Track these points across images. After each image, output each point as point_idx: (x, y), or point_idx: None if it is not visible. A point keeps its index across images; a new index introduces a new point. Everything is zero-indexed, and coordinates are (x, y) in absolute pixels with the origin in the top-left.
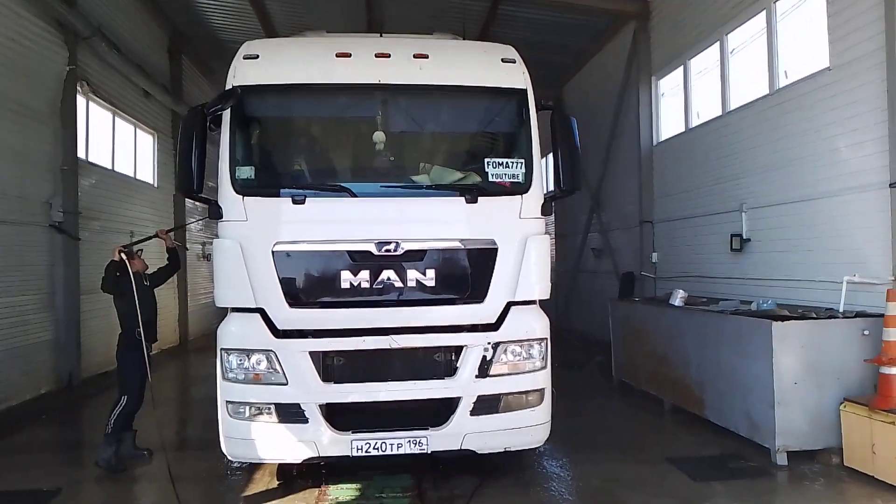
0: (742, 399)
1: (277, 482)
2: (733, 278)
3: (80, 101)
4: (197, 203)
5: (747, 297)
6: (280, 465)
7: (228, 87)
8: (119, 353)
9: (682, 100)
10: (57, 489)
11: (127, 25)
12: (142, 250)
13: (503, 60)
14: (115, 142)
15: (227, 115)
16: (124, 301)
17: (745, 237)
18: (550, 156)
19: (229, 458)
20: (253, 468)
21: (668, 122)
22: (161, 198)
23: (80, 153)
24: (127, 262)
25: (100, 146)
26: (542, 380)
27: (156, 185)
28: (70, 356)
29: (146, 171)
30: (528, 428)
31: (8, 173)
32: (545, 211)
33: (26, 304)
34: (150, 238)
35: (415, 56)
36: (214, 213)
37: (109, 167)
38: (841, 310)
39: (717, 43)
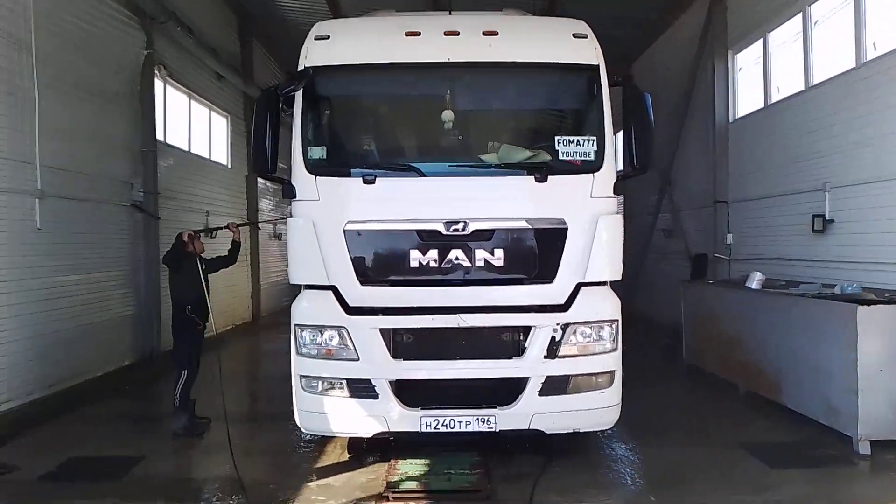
0: (822, 385)
1: (348, 455)
2: (814, 261)
3: (158, 84)
4: (268, 184)
5: (829, 280)
6: (350, 438)
7: (300, 67)
8: (174, 330)
9: (760, 74)
10: (140, 456)
11: (199, 9)
12: (215, 234)
13: (574, 36)
14: (191, 124)
15: (299, 96)
16: (179, 278)
17: (827, 218)
18: (620, 133)
19: (302, 430)
20: (324, 441)
21: (746, 98)
22: (234, 178)
23: (159, 135)
24: (191, 243)
25: (176, 128)
26: (613, 362)
27: (229, 166)
28: (150, 331)
29: (220, 153)
30: (597, 410)
31: (90, 154)
32: (617, 190)
33: (109, 281)
34: (220, 228)
35: (484, 33)
36: (288, 192)
37: (186, 149)
38: None
39: (800, 14)
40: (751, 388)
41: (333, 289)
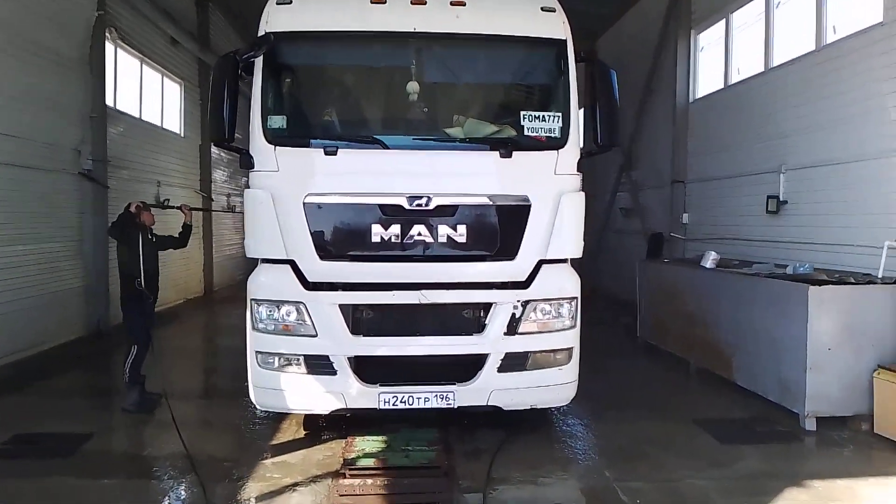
0: (773, 363)
1: (304, 432)
2: (768, 241)
3: (109, 48)
4: (223, 154)
5: (782, 260)
6: (307, 415)
7: (261, 33)
8: (123, 303)
9: (722, 55)
10: (90, 432)
11: None
12: (166, 204)
13: (543, 9)
14: (143, 90)
15: (259, 63)
16: (127, 250)
17: (782, 199)
18: (582, 110)
19: (258, 407)
20: (280, 418)
21: (707, 79)
22: (187, 148)
23: (109, 101)
24: (139, 214)
25: (128, 94)
26: (571, 338)
27: (182, 134)
28: (99, 303)
29: (173, 121)
30: (555, 386)
31: (38, 120)
32: (581, 167)
33: (57, 251)
34: (173, 207)
35: (452, 3)
36: (246, 162)
37: (137, 116)
38: (880, 275)
39: None
40: (704, 366)
41: (292, 263)
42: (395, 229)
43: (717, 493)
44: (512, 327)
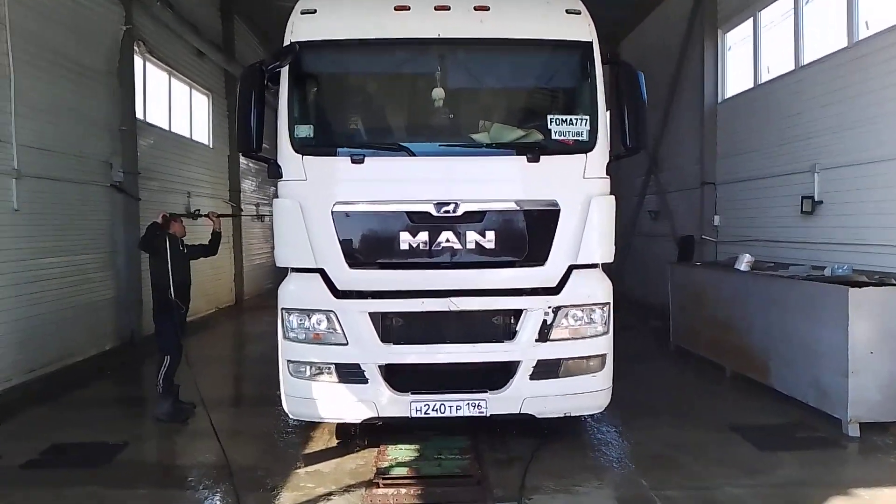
0: (811, 367)
1: (337, 441)
2: (802, 242)
3: (137, 61)
4: (251, 164)
5: (817, 262)
6: (339, 424)
7: (286, 42)
8: (154, 315)
9: (750, 54)
10: (123, 443)
11: None
12: (198, 215)
13: (568, 12)
14: (172, 102)
15: (285, 73)
16: (158, 261)
17: (816, 199)
18: (609, 113)
19: (290, 416)
20: (312, 426)
21: (735, 78)
22: (216, 158)
23: (139, 114)
24: (168, 224)
25: (157, 107)
26: (604, 345)
27: (211, 145)
28: (131, 314)
29: (201, 132)
30: (588, 393)
31: (68, 133)
32: (610, 170)
33: (88, 263)
34: (202, 215)
35: (475, 8)
36: (274, 172)
37: (166, 128)
38: None
39: None
40: (739, 370)
41: (321, 272)
42: (424, 236)
43: (756, 501)
44: (543, 334)
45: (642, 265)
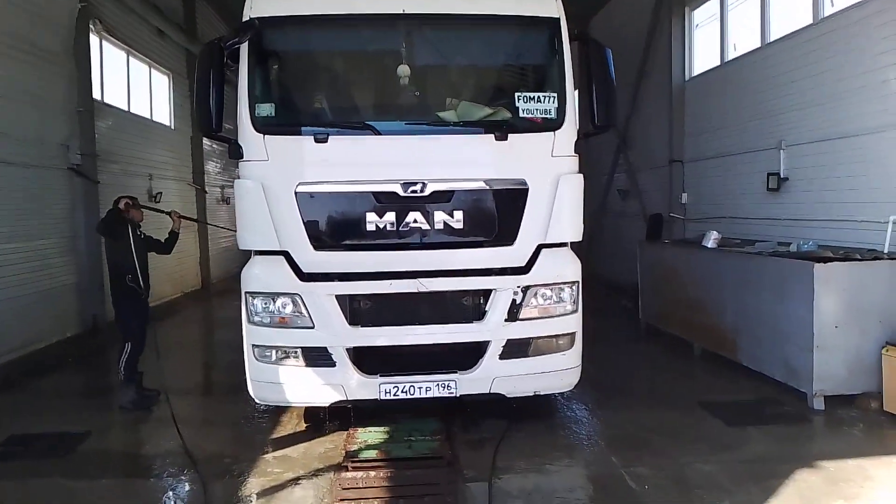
0: (779, 343)
1: (305, 425)
2: (769, 219)
3: (94, 40)
4: (215, 145)
5: (784, 238)
6: (308, 408)
7: (245, 18)
8: (115, 300)
9: (717, 31)
10: (86, 432)
11: None
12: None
13: None
14: (131, 83)
15: (244, 50)
16: (119, 246)
17: (782, 176)
18: (577, 91)
19: (257, 401)
20: (280, 411)
21: (702, 56)
22: (178, 140)
23: (96, 94)
24: (127, 210)
25: (115, 87)
26: (573, 323)
27: (172, 126)
28: (93, 300)
29: (163, 113)
30: (558, 372)
31: (24, 116)
32: (578, 148)
33: (48, 248)
34: (162, 212)
35: None
36: (234, 152)
37: (126, 109)
38: (886, 251)
39: None
40: (708, 347)
41: (286, 254)
42: (391, 217)
43: (726, 476)
44: (512, 313)
45: (612, 244)
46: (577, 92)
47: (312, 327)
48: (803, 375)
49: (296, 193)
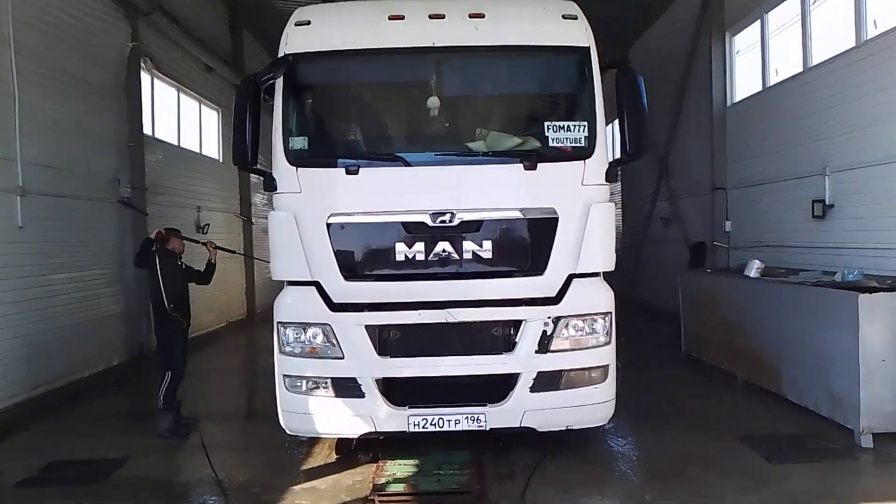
0: (823, 376)
1: (336, 456)
2: (814, 247)
3: (145, 77)
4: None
5: (830, 267)
6: (339, 438)
7: (280, 54)
8: (155, 330)
9: (758, 57)
10: (123, 458)
11: (187, 0)
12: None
13: (564, 17)
14: (181, 118)
15: (279, 84)
16: (157, 276)
17: (827, 203)
18: (616, 122)
19: (287, 431)
20: (312, 441)
21: (744, 82)
22: (226, 172)
23: (147, 129)
24: (167, 240)
25: (165, 122)
26: (606, 355)
27: (221, 160)
28: (140, 328)
29: (212, 147)
30: (591, 406)
31: (76, 150)
32: (610, 177)
33: (97, 279)
34: (198, 242)
35: (470, 16)
36: (269, 185)
37: (175, 143)
38: None
39: None
40: (750, 379)
41: (317, 284)
42: (420, 247)
43: None
44: (543, 345)
45: (655, 271)
46: (615, 121)
47: (342, 357)
48: (850, 410)
49: (327, 224)
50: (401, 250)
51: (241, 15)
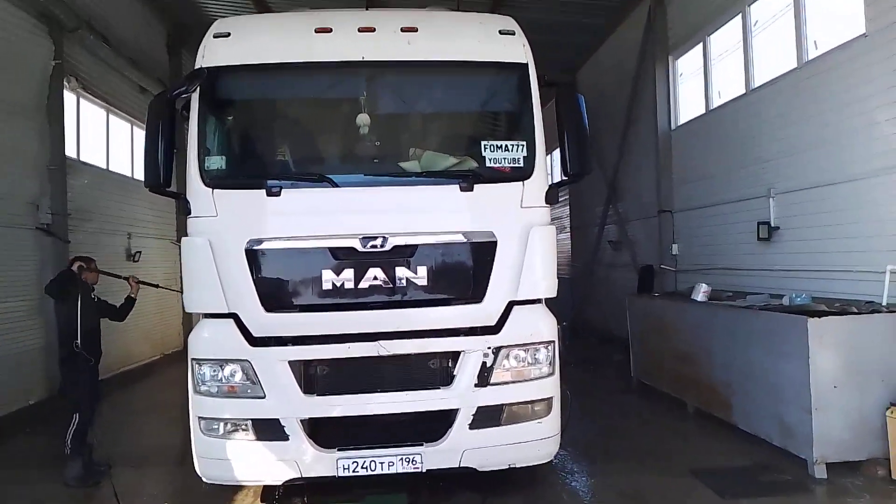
0: (774, 404)
1: (261, 502)
2: (762, 270)
3: (69, 97)
4: None
5: (777, 290)
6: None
7: (197, 66)
8: (61, 368)
9: (702, 79)
10: None
11: (121, 18)
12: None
13: (501, 32)
14: (111, 140)
15: (195, 100)
16: (65, 309)
17: (773, 225)
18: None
19: (203, 479)
20: (236, 487)
21: (688, 104)
22: (162, 198)
23: (71, 152)
24: (80, 271)
25: (93, 144)
26: (550, 387)
27: None
28: None
29: None
30: (534, 442)
31: None
32: (550, 199)
33: (14, 311)
34: (119, 277)
35: (402, 30)
36: (183, 208)
37: (104, 166)
38: (884, 303)
39: (739, 15)
40: (701, 407)
41: (235, 317)
42: (349, 274)
43: None
44: (483, 377)
45: (605, 296)
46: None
47: (263, 397)
48: (802, 440)
49: (245, 250)
50: (328, 278)
51: (181, 35)
